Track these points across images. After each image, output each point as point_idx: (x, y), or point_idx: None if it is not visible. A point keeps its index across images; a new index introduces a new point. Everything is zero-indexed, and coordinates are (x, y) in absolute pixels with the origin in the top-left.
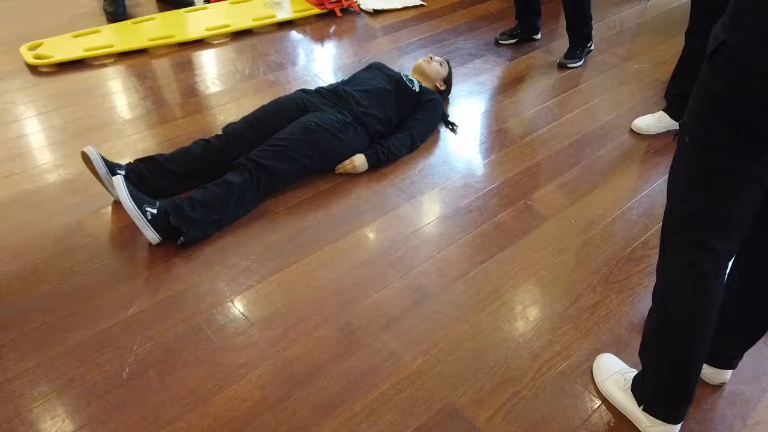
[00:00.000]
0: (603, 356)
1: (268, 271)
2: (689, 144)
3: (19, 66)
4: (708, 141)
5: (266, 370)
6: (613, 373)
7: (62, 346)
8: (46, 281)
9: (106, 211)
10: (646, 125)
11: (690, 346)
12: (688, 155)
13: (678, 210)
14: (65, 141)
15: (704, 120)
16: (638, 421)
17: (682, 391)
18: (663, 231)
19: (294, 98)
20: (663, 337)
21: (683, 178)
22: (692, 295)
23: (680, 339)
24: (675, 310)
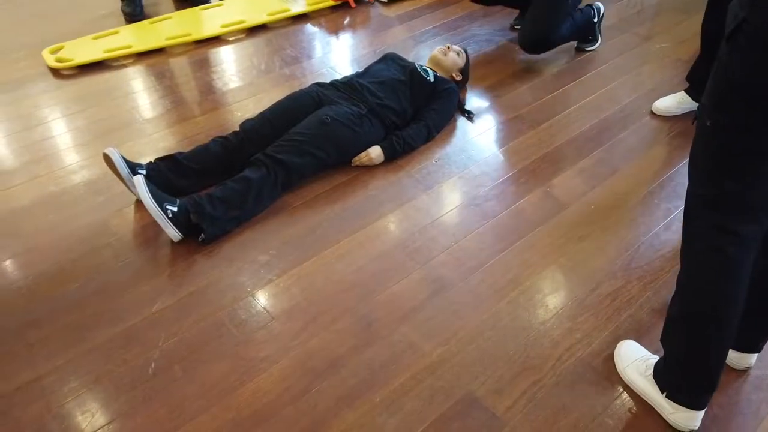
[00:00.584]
0: (624, 343)
1: (287, 265)
2: (709, 127)
3: (42, 70)
4: (729, 123)
5: (287, 363)
6: (635, 360)
7: (90, 344)
8: (74, 280)
9: (129, 210)
10: (666, 107)
11: (714, 334)
12: (708, 138)
13: (700, 195)
14: (88, 142)
15: (724, 101)
16: (661, 407)
17: (705, 379)
18: (685, 217)
19: (309, 92)
20: (686, 324)
21: (705, 162)
22: (717, 282)
23: (704, 327)
24: (699, 298)
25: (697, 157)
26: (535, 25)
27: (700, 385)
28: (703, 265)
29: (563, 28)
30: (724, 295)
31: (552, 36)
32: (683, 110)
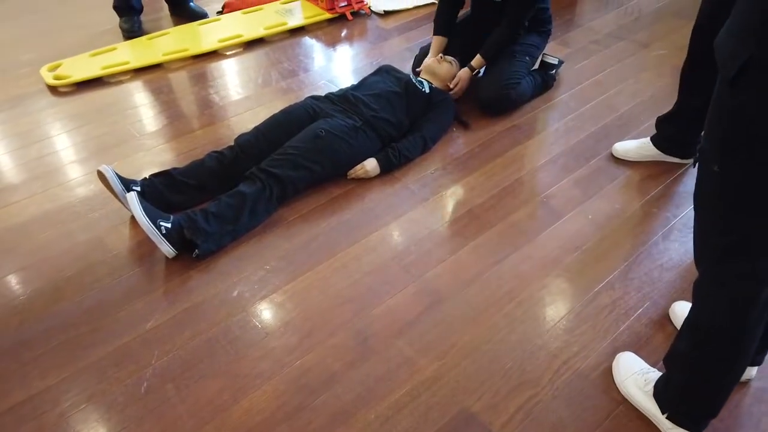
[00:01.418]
0: (623, 355)
1: (282, 280)
2: (719, 173)
3: (41, 87)
4: (748, 165)
5: (281, 379)
6: (634, 373)
7: (83, 362)
8: (68, 298)
9: (124, 226)
10: (625, 150)
11: (729, 374)
12: (720, 185)
13: (721, 241)
14: (85, 159)
15: (741, 145)
16: (660, 423)
17: (710, 408)
18: (703, 259)
19: (304, 105)
20: (700, 362)
21: (723, 208)
22: (740, 326)
23: (720, 367)
24: (718, 341)
25: (709, 205)
26: (494, 87)
27: (704, 413)
28: (725, 313)
29: (524, 86)
30: (747, 339)
31: (513, 94)
32: (642, 158)
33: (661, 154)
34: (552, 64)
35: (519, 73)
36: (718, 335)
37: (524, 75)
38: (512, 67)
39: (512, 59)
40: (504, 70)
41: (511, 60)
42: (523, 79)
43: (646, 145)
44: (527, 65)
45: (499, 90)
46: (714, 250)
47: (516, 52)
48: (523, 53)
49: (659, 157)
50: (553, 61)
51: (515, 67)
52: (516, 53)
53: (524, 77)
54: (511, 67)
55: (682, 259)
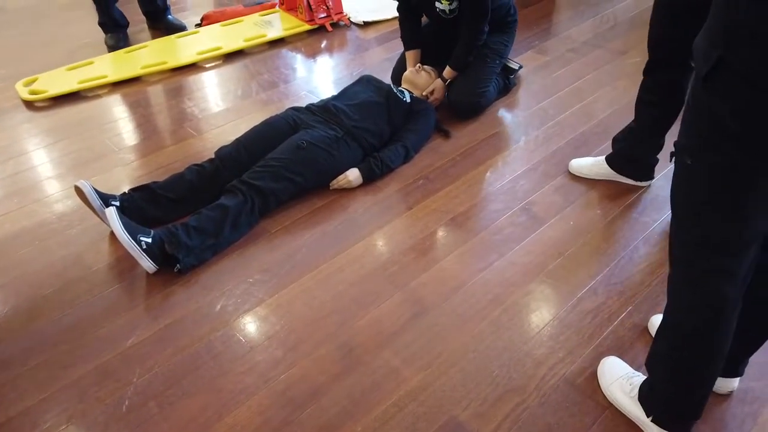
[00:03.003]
0: (607, 360)
1: (265, 293)
2: (692, 166)
3: (16, 102)
4: (717, 161)
5: (266, 394)
6: (618, 378)
7: (63, 382)
8: (46, 316)
9: (103, 242)
10: (579, 166)
11: (705, 372)
12: (693, 178)
13: (691, 236)
14: (62, 174)
15: (710, 141)
16: (646, 427)
17: (692, 410)
18: (674, 257)
19: (285, 117)
20: (677, 361)
21: (693, 202)
22: (711, 323)
23: (696, 365)
24: (692, 338)
25: (682, 198)
26: (466, 93)
27: (688, 415)
28: (697, 308)
29: (491, 91)
30: (718, 335)
31: (484, 102)
32: (594, 176)
33: (615, 174)
34: (513, 68)
35: (488, 80)
36: (692, 334)
37: (492, 80)
38: (482, 74)
39: (483, 65)
40: (475, 76)
41: (482, 66)
42: (491, 84)
43: (599, 163)
44: (496, 68)
45: (470, 97)
46: (684, 246)
47: (487, 56)
48: (494, 56)
49: (612, 176)
50: (514, 66)
51: (485, 74)
52: (487, 57)
53: (492, 82)
54: (481, 73)
55: (663, 263)
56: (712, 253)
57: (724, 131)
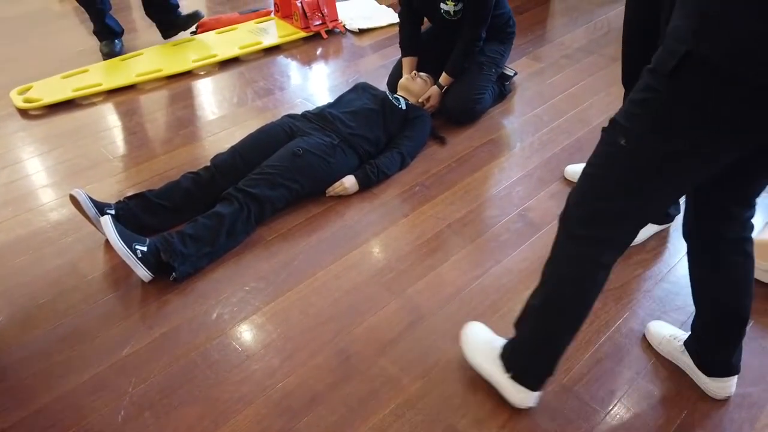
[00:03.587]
0: (470, 328)
1: (262, 301)
2: (624, 147)
3: (10, 111)
4: (657, 147)
5: (263, 403)
6: (482, 344)
7: (58, 392)
8: (41, 326)
9: (99, 251)
10: (574, 172)
11: (570, 329)
12: (621, 157)
13: (596, 207)
14: (57, 182)
15: (659, 128)
16: (503, 388)
17: (552, 365)
18: (568, 220)
19: (280, 124)
20: (548, 318)
21: (613, 178)
22: (587, 287)
23: (564, 323)
24: (568, 299)
25: (601, 171)
26: (462, 100)
27: (547, 369)
28: (577, 272)
29: (487, 98)
30: (590, 299)
31: (479, 108)
32: None
33: None
34: (508, 75)
35: (484, 87)
36: (569, 293)
37: (488, 87)
38: (478, 80)
39: (479, 72)
40: (470, 83)
41: (478, 73)
42: (487, 91)
43: None
44: (492, 77)
45: (465, 103)
46: (588, 212)
47: (483, 64)
48: (490, 64)
49: None
50: (510, 72)
51: (481, 81)
52: (483, 65)
53: (488, 90)
54: (477, 80)
55: (658, 268)
56: (607, 226)
57: (679, 122)
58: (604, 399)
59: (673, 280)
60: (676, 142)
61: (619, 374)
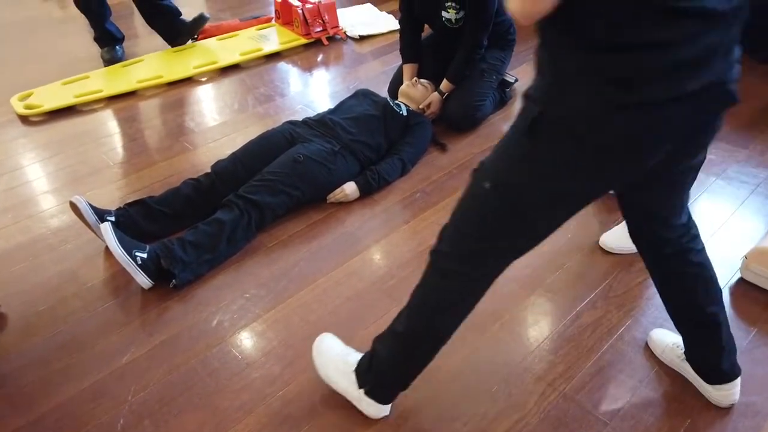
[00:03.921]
0: (323, 340)
1: (262, 308)
2: (489, 190)
3: (11, 117)
4: (521, 192)
5: (263, 411)
6: (334, 357)
7: (57, 400)
8: (40, 333)
9: (98, 258)
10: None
11: (433, 352)
12: (488, 200)
13: (467, 246)
14: (57, 189)
15: (522, 176)
16: (356, 401)
17: (408, 383)
18: (439, 254)
19: (281, 131)
20: (410, 345)
21: (481, 219)
22: (454, 316)
23: (427, 349)
24: (434, 328)
25: (467, 210)
26: (462, 106)
27: (401, 388)
28: (458, 300)
29: (487, 105)
30: (451, 331)
31: (479, 115)
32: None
33: None
34: (509, 81)
35: (485, 93)
36: (431, 320)
37: (489, 94)
38: (479, 87)
39: (480, 79)
40: (471, 90)
41: (479, 80)
42: (487, 98)
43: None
44: (493, 84)
45: (466, 110)
46: (455, 248)
47: (484, 71)
48: (491, 71)
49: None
50: (510, 79)
51: (482, 87)
52: (484, 72)
53: (488, 96)
54: (478, 87)
55: None
56: (475, 262)
57: (537, 172)
58: (606, 408)
59: None
60: (536, 189)
61: (622, 383)
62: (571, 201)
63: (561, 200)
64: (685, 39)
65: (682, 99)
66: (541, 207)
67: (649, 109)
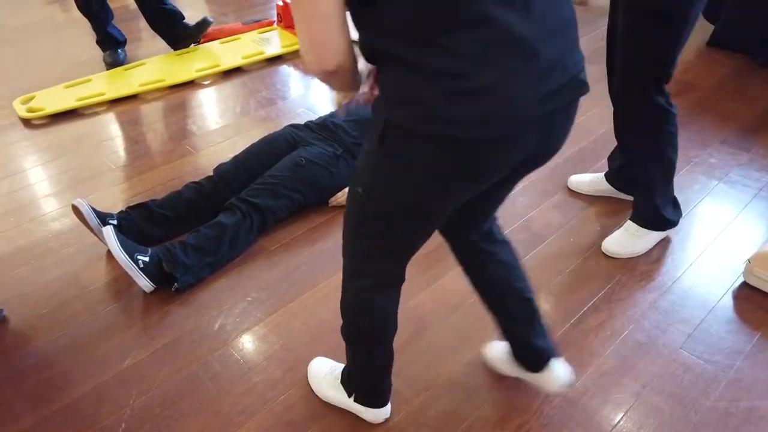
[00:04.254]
0: (312, 364)
1: (264, 312)
2: (362, 194)
3: (14, 120)
4: (385, 196)
5: (265, 415)
6: (325, 375)
7: (58, 404)
8: (42, 337)
9: (100, 261)
10: (577, 182)
11: (379, 348)
12: (363, 203)
13: (358, 245)
14: (59, 192)
15: (385, 182)
16: (353, 410)
17: (383, 382)
18: (343, 256)
19: (283, 134)
20: (354, 347)
21: (360, 220)
22: (388, 309)
23: (379, 347)
24: (361, 326)
25: (349, 215)
26: None
27: (381, 388)
28: (382, 305)
29: None
30: (395, 317)
31: None
32: (593, 192)
33: (614, 191)
34: None
35: None
36: (354, 321)
37: None
38: None
39: None
40: None
41: None
42: None
43: (598, 180)
44: None
45: None
46: (351, 250)
47: None
48: None
49: (612, 193)
50: None
51: None
52: None
53: None
54: None
55: (663, 279)
56: (370, 261)
57: (396, 177)
58: (610, 413)
59: (678, 292)
60: (392, 194)
61: (625, 387)
62: (432, 204)
63: (419, 206)
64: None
65: None
66: (403, 211)
67: None
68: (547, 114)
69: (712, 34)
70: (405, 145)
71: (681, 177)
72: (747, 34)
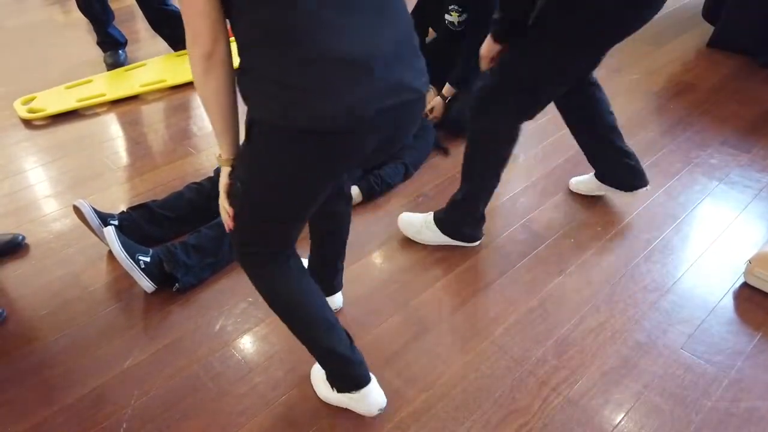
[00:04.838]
0: (315, 364)
1: (265, 312)
2: (240, 188)
3: (14, 121)
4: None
5: (267, 416)
6: (323, 378)
7: (59, 405)
8: (42, 337)
9: (101, 261)
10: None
11: (314, 326)
12: (241, 196)
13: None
14: (60, 193)
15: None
16: (345, 405)
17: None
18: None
19: None
20: (296, 330)
21: (243, 210)
22: (292, 285)
23: (305, 324)
24: (286, 304)
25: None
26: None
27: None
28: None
29: None
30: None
31: None
32: (590, 191)
33: (607, 187)
34: None
35: None
36: (275, 298)
37: None
38: None
39: None
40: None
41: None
42: None
43: (596, 180)
44: None
45: None
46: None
47: None
48: None
49: (607, 189)
50: None
51: None
52: None
53: None
54: None
55: (664, 280)
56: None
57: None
58: (611, 413)
59: (679, 292)
60: (262, 183)
61: (626, 388)
62: (300, 189)
63: (287, 191)
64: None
65: None
66: (274, 197)
67: None
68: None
69: (712, 35)
70: (263, 139)
71: (681, 177)
72: (747, 35)
